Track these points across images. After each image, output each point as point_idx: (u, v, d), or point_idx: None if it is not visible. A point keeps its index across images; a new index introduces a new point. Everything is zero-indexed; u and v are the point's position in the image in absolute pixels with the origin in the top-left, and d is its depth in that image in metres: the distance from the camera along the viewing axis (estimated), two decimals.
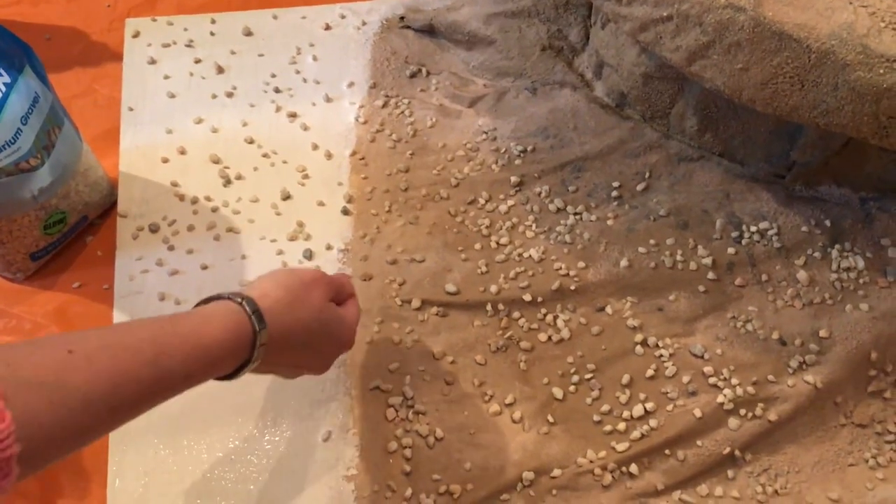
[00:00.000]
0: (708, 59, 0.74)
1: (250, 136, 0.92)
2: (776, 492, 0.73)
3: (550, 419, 0.76)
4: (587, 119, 0.93)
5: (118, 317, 0.80)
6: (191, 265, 0.83)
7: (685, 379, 0.77)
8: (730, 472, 0.74)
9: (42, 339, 0.49)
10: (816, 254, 0.84)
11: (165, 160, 0.90)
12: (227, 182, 0.89)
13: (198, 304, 0.57)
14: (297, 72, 0.98)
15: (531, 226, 0.87)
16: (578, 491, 0.72)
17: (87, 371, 0.46)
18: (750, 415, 0.75)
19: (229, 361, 0.55)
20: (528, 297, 0.81)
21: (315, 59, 0.99)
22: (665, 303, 0.82)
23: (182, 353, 0.51)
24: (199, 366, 0.52)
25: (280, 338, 0.58)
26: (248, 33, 1.01)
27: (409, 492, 0.71)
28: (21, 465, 0.41)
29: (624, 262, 0.83)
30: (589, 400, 0.77)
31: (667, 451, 0.74)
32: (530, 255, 0.84)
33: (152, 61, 0.98)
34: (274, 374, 0.64)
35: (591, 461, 0.73)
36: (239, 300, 0.56)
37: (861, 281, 0.82)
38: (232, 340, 0.54)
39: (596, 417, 0.76)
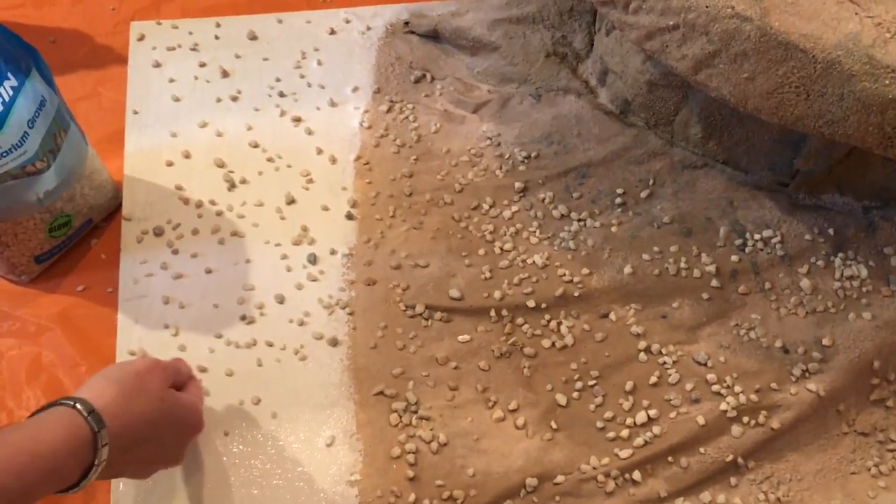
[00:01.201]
0: (714, 69, 0.74)
1: (255, 140, 0.93)
2: (778, 500, 0.73)
3: (554, 425, 0.76)
4: (591, 126, 0.93)
5: (122, 320, 0.80)
6: (195, 269, 0.83)
7: (688, 386, 0.78)
8: (732, 480, 0.74)
9: None
10: (820, 262, 0.84)
11: (170, 164, 0.90)
12: (232, 186, 0.89)
13: (31, 415, 0.55)
14: (302, 76, 0.98)
15: (535, 232, 0.87)
16: (581, 497, 0.73)
17: None
18: (753, 422, 0.76)
19: (70, 468, 0.52)
20: (531, 304, 0.82)
21: (320, 63, 0.99)
22: (669, 310, 0.82)
23: (17, 466, 0.48)
24: (37, 477, 0.49)
25: (122, 435, 0.55)
26: (253, 37, 1.01)
27: (412, 497, 0.71)
28: None
29: (628, 269, 0.84)
30: (592, 406, 0.77)
31: (670, 458, 0.74)
32: (534, 262, 0.84)
33: (157, 65, 0.98)
34: (124, 476, 0.62)
35: (594, 468, 0.74)
36: (71, 403, 0.54)
37: (864, 289, 0.82)
38: (71, 446, 0.51)
39: (599, 424, 0.76)
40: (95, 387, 0.57)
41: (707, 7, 0.71)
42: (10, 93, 0.69)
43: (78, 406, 0.53)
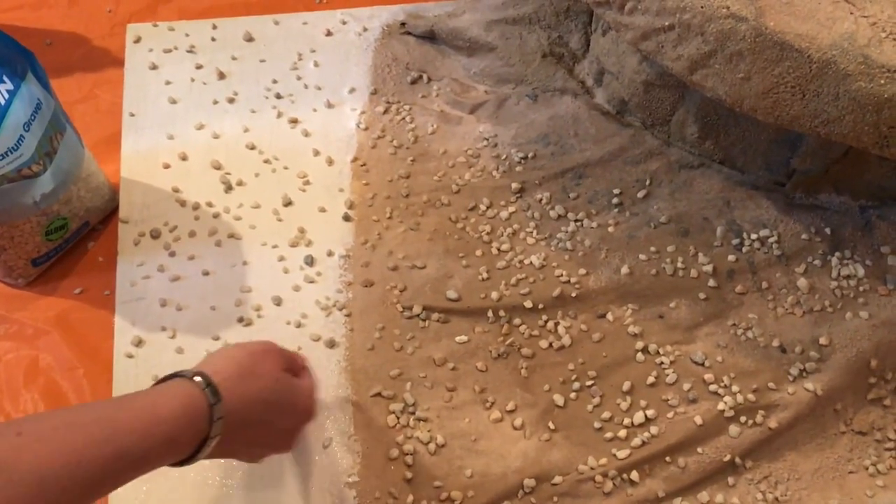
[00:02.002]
0: (709, 69, 0.74)
1: (251, 141, 0.93)
2: (776, 499, 0.73)
3: (551, 426, 0.76)
4: (588, 126, 0.93)
5: (119, 322, 0.80)
6: (192, 271, 0.83)
7: (686, 386, 0.78)
8: (730, 480, 0.74)
9: None
10: (816, 261, 0.84)
11: (167, 166, 0.90)
12: (229, 188, 0.89)
13: (154, 384, 0.55)
14: (299, 78, 0.98)
15: (532, 232, 0.87)
16: (579, 498, 0.73)
17: (38, 451, 0.44)
18: (750, 422, 0.76)
19: (187, 438, 0.53)
20: (529, 304, 0.82)
21: (316, 65, 0.99)
22: (666, 310, 0.82)
23: (138, 430, 0.49)
24: (155, 442, 0.50)
25: (236, 412, 0.55)
26: (250, 39, 1.01)
27: (410, 498, 0.71)
28: None
29: (625, 269, 0.84)
30: (590, 407, 0.77)
31: (667, 459, 0.74)
32: (531, 262, 0.85)
33: (154, 67, 0.98)
34: (235, 457, 0.62)
35: (592, 468, 0.74)
36: (189, 375, 0.54)
37: (861, 289, 0.83)
38: (188, 415, 0.52)
39: (597, 424, 0.76)
40: (214, 362, 0.57)
41: (702, 7, 0.71)
42: (6, 96, 0.69)
43: (196, 378, 0.54)
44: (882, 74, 0.66)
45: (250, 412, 0.57)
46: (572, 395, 0.78)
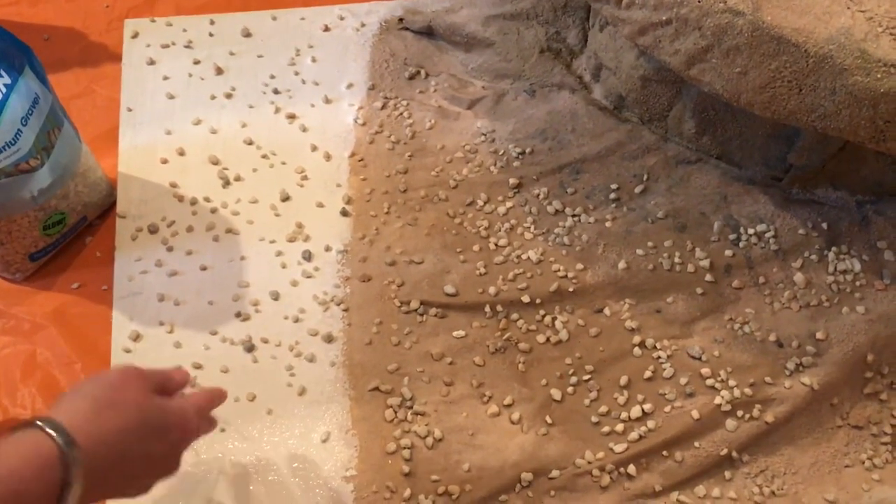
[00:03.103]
0: (707, 63, 0.74)
1: (249, 137, 0.93)
2: (773, 493, 0.73)
3: (549, 420, 0.76)
4: (585, 121, 0.93)
5: (117, 317, 0.80)
6: (190, 266, 0.83)
7: (683, 380, 0.78)
8: (727, 474, 0.74)
9: None
10: (813, 256, 0.84)
11: (164, 161, 0.90)
12: (227, 183, 0.89)
13: None
14: (296, 73, 0.98)
15: (529, 227, 0.87)
16: (577, 492, 0.73)
17: None
18: (747, 416, 0.76)
19: (39, 492, 0.47)
20: (526, 299, 0.82)
21: (314, 60, 0.99)
22: (663, 305, 0.82)
23: None
24: None
25: (99, 452, 0.51)
26: (247, 34, 1.01)
27: (407, 492, 0.72)
28: None
29: (622, 264, 0.84)
30: (587, 401, 0.77)
31: (664, 453, 0.74)
32: (529, 257, 0.85)
33: (151, 62, 0.98)
34: (121, 496, 0.56)
35: (589, 462, 0.74)
36: (38, 422, 0.49)
37: (857, 283, 0.83)
38: (34, 467, 0.47)
39: (594, 419, 0.76)
40: (65, 405, 0.53)
41: (699, 2, 0.71)
42: (3, 90, 0.69)
43: (41, 424, 0.49)
44: (879, 69, 0.66)
45: (115, 448, 0.52)
46: (569, 389, 0.78)
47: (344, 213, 0.88)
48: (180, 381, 0.62)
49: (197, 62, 0.98)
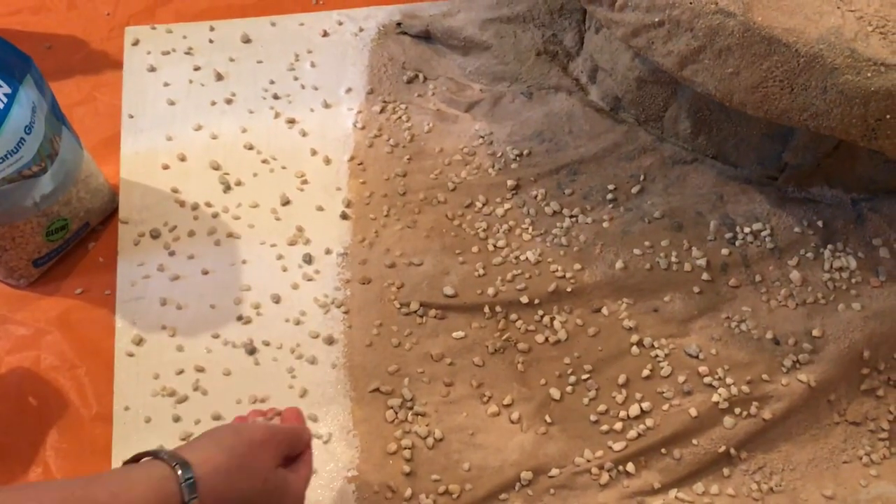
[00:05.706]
0: (699, 64, 0.75)
1: (249, 142, 0.93)
2: (771, 489, 0.74)
3: (548, 419, 0.77)
4: (582, 123, 0.94)
5: (120, 322, 0.81)
6: (192, 270, 0.84)
7: (681, 379, 0.78)
8: (725, 471, 0.75)
9: None
10: (809, 254, 0.85)
11: (166, 167, 0.91)
12: (227, 188, 0.90)
13: (127, 461, 0.52)
14: (296, 78, 0.99)
15: (528, 228, 0.88)
16: (576, 490, 0.73)
17: None
18: (745, 413, 0.77)
19: None
20: (525, 299, 0.82)
21: (313, 65, 1.00)
22: (660, 304, 0.83)
23: None
24: None
25: None
26: (247, 40, 1.02)
27: (409, 492, 0.72)
28: None
29: (619, 264, 0.84)
30: (586, 400, 0.78)
31: (663, 450, 0.75)
32: (527, 258, 0.85)
33: (152, 69, 0.99)
34: None
35: (588, 461, 0.74)
36: (174, 464, 0.50)
37: (853, 280, 0.83)
38: (157, 502, 0.49)
39: (593, 417, 0.77)
40: (202, 450, 0.53)
41: (691, 3, 0.72)
42: (5, 100, 0.70)
43: (178, 469, 0.50)
44: (869, 67, 0.67)
45: None
46: (568, 388, 0.79)
47: (344, 217, 0.89)
48: (304, 443, 0.62)
49: (197, 68, 0.99)
